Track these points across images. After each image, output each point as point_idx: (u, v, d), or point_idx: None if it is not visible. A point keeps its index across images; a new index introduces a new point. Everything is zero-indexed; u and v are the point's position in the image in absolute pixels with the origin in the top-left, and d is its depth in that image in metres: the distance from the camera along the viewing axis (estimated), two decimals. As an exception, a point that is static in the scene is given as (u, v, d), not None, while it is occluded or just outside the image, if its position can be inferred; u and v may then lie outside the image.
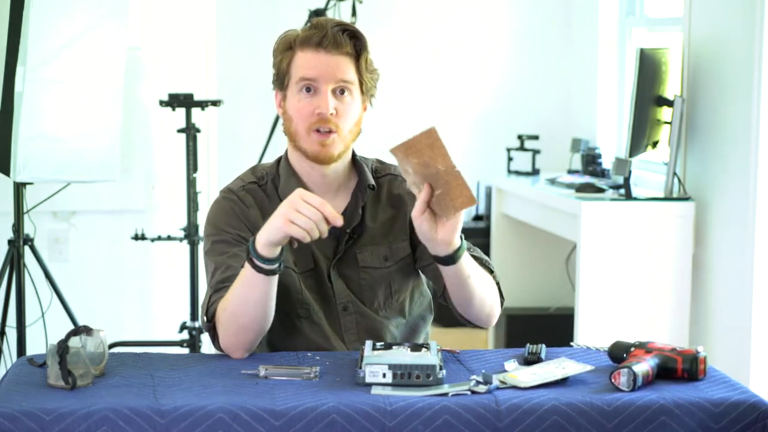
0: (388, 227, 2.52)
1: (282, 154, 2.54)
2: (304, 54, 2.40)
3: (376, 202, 2.53)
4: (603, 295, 4.40)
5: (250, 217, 2.45)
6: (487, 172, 5.65)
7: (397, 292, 2.51)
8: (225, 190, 2.51)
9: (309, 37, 2.40)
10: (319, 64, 2.39)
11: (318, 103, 2.39)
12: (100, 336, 2.15)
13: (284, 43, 2.44)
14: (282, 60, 2.44)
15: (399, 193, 2.54)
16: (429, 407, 1.98)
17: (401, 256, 2.51)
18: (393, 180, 2.56)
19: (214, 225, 2.47)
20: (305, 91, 2.41)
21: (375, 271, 2.49)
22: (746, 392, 2.08)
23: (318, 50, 2.39)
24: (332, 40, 2.39)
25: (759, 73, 3.99)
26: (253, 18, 5.50)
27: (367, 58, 2.43)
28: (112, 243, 4.81)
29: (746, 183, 4.07)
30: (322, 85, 2.39)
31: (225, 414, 1.95)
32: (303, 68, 2.40)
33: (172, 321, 4.79)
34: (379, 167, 2.57)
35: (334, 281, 2.47)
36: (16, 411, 1.93)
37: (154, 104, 4.68)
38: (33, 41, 3.78)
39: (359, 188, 2.50)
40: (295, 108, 2.42)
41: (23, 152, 3.80)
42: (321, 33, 2.39)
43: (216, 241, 2.44)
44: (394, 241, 2.51)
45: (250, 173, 2.54)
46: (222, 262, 2.40)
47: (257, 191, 2.50)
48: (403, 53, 5.52)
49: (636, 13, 5.28)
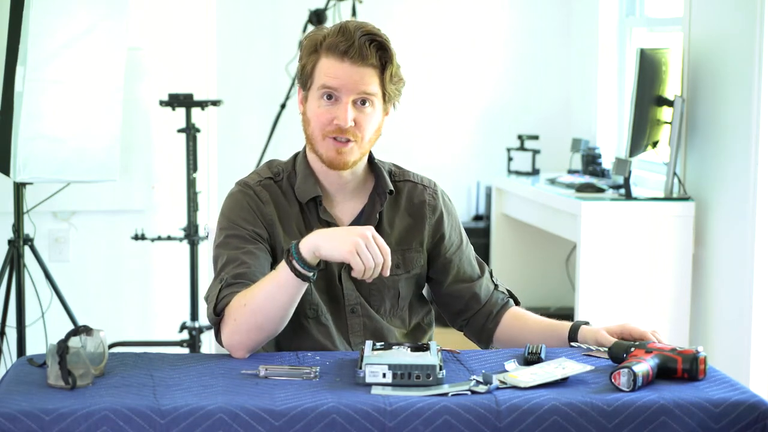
0: (404, 235, 2.51)
1: (298, 150, 2.53)
2: (329, 61, 2.38)
3: (394, 207, 2.52)
4: (603, 295, 4.40)
5: (265, 213, 2.44)
6: (487, 172, 5.65)
7: (403, 300, 2.52)
8: (241, 183, 2.50)
9: (335, 44, 2.37)
10: (343, 74, 2.37)
11: (337, 113, 2.38)
12: (100, 336, 2.15)
13: (311, 45, 2.41)
14: (307, 62, 2.42)
15: (419, 202, 2.54)
16: (429, 407, 1.98)
17: (413, 266, 2.52)
18: (413, 188, 2.55)
19: (229, 218, 2.45)
20: (326, 98, 2.39)
21: (386, 277, 2.48)
22: (746, 392, 2.08)
23: (343, 60, 2.37)
24: (358, 52, 2.36)
25: (759, 73, 3.99)
26: (253, 18, 5.50)
27: (392, 70, 2.41)
28: (112, 243, 4.81)
29: (746, 183, 4.07)
30: (343, 95, 2.37)
31: (225, 414, 1.95)
32: (326, 76, 2.38)
33: (172, 321, 4.79)
34: (396, 171, 2.56)
35: (344, 283, 2.47)
36: (16, 411, 1.93)
37: (154, 104, 4.68)
38: (33, 41, 3.78)
39: (377, 192, 2.49)
40: (314, 112, 2.41)
41: (23, 152, 3.80)
42: (348, 42, 2.36)
43: (230, 235, 2.42)
44: (407, 250, 2.51)
45: (267, 168, 2.52)
46: (236, 257, 2.38)
47: (273, 187, 2.48)
48: (403, 53, 5.49)
49: (636, 13, 5.28)
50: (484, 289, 2.56)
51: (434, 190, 2.57)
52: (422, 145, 5.62)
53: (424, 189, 2.55)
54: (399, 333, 2.51)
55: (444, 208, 2.56)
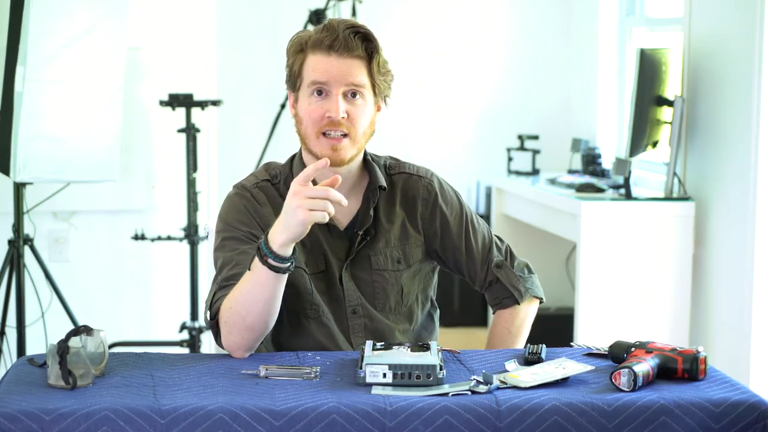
0: (402, 229, 2.51)
1: (295, 152, 2.53)
2: (315, 57, 2.39)
3: (390, 202, 2.52)
4: (603, 295, 4.40)
5: (262, 215, 2.44)
6: (487, 172, 5.65)
7: (407, 296, 2.51)
8: (238, 185, 2.50)
9: (320, 40, 2.38)
10: (330, 67, 2.37)
11: (328, 106, 2.38)
12: (100, 336, 2.15)
13: (296, 45, 2.42)
14: (294, 62, 2.42)
15: (413, 195, 2.53)
16: (429, 407, 1.98)
17: (414, 260, 2.51)
18: (407, 179, 2.54)
19: (226, 221, 2.45)
20: (316, 94, 2.39)
21: (388, 273, 2.48)
22: (746, 392, 2.08)
23: (329, 53, 2.37)
24: (343, 44, 2.37)
25: (759, 73, 3.99)
26: (253, 18, 5.50)
27: (379, 60, 2.41)
28: (112, 243, 4.81)
29: (746, 183, 4.07)
30: (333, 88, 2.38)
31: (225, 414, 1.95)
32: (314, 72, 2.38)
33: (172, 321, 4.79)
34: (392, 164, 2.56)
35: (345, 283, 2.47)
36: (16, 411, 1.93)
37: (154, 104, 4.68)
38: (33, 41, 3.78)
39: (370, 189, 2.49)
40: (306, 110, 2.40)
41: (23, 152, 3.80)
42: (332, 36, 2.37)
43: (227, 238, 2.43)
44: (407, 244, 2.51)
45: (264, 171, 2.52)
46: (230, 259, 2.38)
47: (270, 189, 2.49)
48: (403, 53, 5.52)
49: (636, 13, 5.28)
50: (487, 280, 2.57)
51: (429, 181, 2.55)
52: (422, 145, 5.62)
53: (419, 179, 2.54)
54: (402, 334, 2.51)
55: (440, 197, 2.54)
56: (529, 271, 2.61)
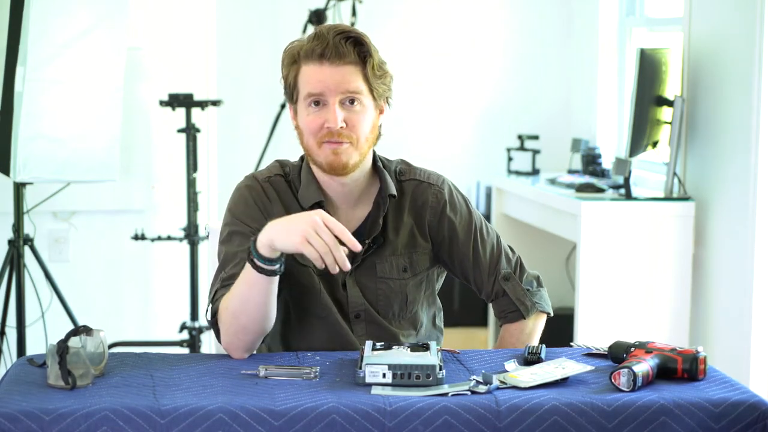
0: (410, 237, 2.48)
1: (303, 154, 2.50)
2: (309, 68, 2.36)
3: (399, 210, 2.48)
4: (603, 295, 4.40)
5: (272, 212, 2.41)
6: (487, 172, 5.65)
7: (411, 303, 2.50)
8: (250, 177, 2.48)
9: (311, 49, 2.35)
10: (324, 77, 2.34)
11: (326, 116, 2.35)
12: (100, 336, 2.15)
13: (289, 57, 2.40)
14: (288, 74, 2.40)
15: (422, 203, 2.50)
16: (429, 407, 1.98)
17: (420, 269, 2.50)
18: (417, 186, 2.51)
19: (234, 214, 2.43)
20: (313, 105, 2.37)
21: (393, 281, 2.46)
22: (746, 392, 2.08)
23: (321, 63, 2.35)
24: (334, 51, 2.34)
25: (759, 73, 3.99)
26: (253, 18, 5.50)
27: (374, 63, 2.38)
28: (112, 243, 4.81)
29: (746, 183, 4.07)
30: (329, 98, 2.35)
31: (225, 414, 1.95)
32: (308, 83, 2.36)
33: (172, 321, 4.79)
34: (403, 169, 2.52)
35: (349, 289, 2.45)
36: (16, 411, 1.93)
37: (154, 104, 4.68)
38: (33, 41, 3.79)
39: (381, 197, 2.46)
40: (305, 122, 2.38)
41: (23, 152, 3.80)
42: (323, 44, 2.34)
43: (233, 232, 2.41)
44: (414, 252, 2.49)
45: (278, 166, 2.50)
46: (234, 256, 2.37)
47: (282, 184, 2.46)
48: (403, 53, 5.52)
49: (636, 13, 5.27)
50: (494, 291, 2.54)
51: (439, 188, 2.51)
52: (422, 145, 5.62)
53: (429, 187, 2.50)
54: (407, 339, 2.49)
55: (449, 205, 2.51)
56: (538, 284, 2.57)
